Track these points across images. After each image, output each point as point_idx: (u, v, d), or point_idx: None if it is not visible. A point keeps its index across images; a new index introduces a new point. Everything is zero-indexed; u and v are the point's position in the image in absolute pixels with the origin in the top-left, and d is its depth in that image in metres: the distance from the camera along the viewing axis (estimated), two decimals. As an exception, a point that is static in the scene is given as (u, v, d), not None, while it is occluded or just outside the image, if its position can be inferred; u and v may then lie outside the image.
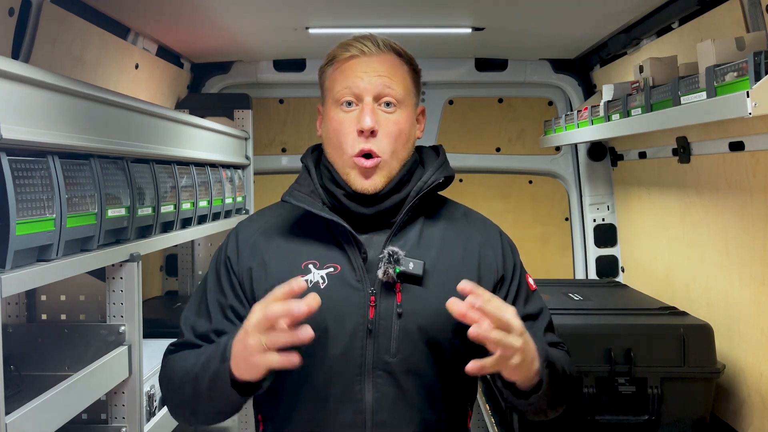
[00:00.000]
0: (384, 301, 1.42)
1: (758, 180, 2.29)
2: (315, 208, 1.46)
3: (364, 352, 1.41)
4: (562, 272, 3.97)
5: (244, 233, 1.54)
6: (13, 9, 2.05)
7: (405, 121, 1.48)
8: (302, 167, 1.56)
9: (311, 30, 3.04)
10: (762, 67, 1.62)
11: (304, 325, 1.21)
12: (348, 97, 1.46)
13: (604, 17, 2.83)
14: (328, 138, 1.50)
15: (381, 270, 1.41)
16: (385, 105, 1.46)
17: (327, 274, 1.44)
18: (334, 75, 1.49)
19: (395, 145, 1.46)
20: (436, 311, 1.42)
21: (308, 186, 1.51)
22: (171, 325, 2.92)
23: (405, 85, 1.49)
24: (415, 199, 1.48)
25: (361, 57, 1.47)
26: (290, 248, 1.48)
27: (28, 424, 1.50)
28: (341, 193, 1.47)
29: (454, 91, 3.98)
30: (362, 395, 1.40)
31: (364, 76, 1.45)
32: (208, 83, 3.85)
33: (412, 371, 1.42)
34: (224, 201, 3.10)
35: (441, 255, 1.48)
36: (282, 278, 1.42)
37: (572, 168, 3.95)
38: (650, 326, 2.47)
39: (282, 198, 1.50)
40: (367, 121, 1.43)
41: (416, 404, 1.42)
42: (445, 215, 1.55)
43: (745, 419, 2.43)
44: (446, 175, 1.51)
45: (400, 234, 1.47)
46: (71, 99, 1.75)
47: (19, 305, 2.21)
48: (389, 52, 1.49)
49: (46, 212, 1.60)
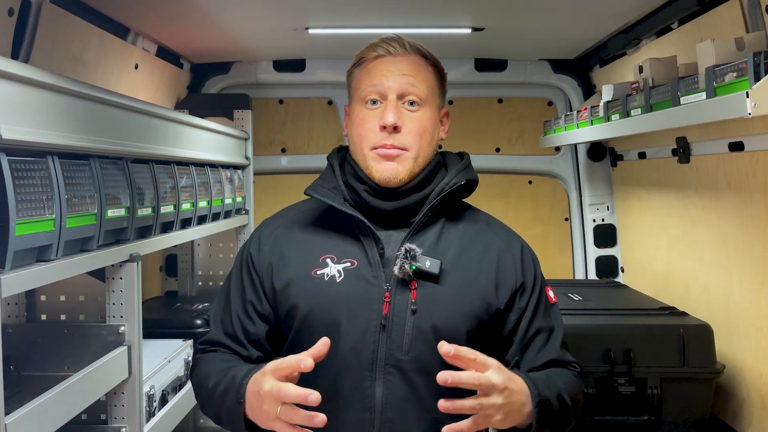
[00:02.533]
0: (399, 297, 1.43)
1: (758, 180, 2.29)
2: (337, 202, 1.49)
3: (376, 348, 1.41)
4: (562, 272, 3.97)
5: (267, 229, 1.58)
6: (13, 9, 2.05)
7: (428, 119, 1.50)
8: (327, 164, 1.59)
9: (311, 30, 3.04)
10: (761, 68, 1.62)
11: (318, 414, 1.24)
12: (373, 95, 1.49)
13: (604, 17, 2.83)
14: (351, 135, 1.54)
15: (397, 266, 1.42)
16: (409, 104, 1.49)
17: (344, 269, 1.46)
18: (361, 75, 1.53)
19: (420, 142, 1.48)
20: (451, 311, 1.44)
21: (331, 182, 1.54)
22: (171, 326, 2.94)
23: (429, 85, 1.52)
24: (436, 199, 1.49)
25: (387, 57, 1.51)
26: (310, 242, 1.51)
27: (28, 424, 1.50)
28: (363, 189, 1.49)
29: (454, 92, 3.97)
30: (372, 391, 1.41)
31: (389, 74, 1.49)
32: (208, 83, 3.85)
33: (423, 370, 1.42)
34: (224, 201, 3.10)
35: (459, 257, 1.49)
36: (300, 270, 1.48)
37: (572, 168, 3.95)
38: (650, 326, 2.47)
39: (305, 191, 1.53)
40: (390, 117, 1.45)
41: (426, 403, 1.41)
42: (467, 220, 1.57)
43: (745, 419, 2.43)
44: (468, 179, 1.53)
45: (420, 233, 1.49)
46: (71, 99, 1.75)
47: (19, 305, 2.21)
48: (415, 54, 1.53)
49: (45, 212, 1.60)
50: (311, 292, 1.46)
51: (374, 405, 1.41)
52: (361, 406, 1.41)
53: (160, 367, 2.46)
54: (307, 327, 1.45)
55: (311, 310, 1.45)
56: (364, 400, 1.41)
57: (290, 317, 1.48)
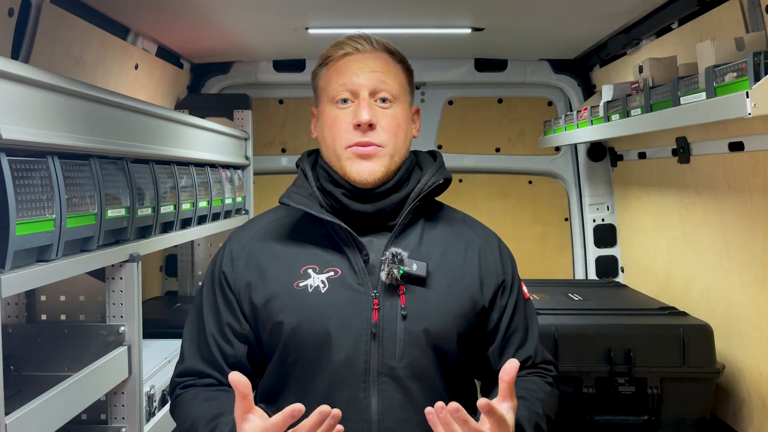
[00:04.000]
0: (388, 303, 1.39)
1: (758, 180, 2.29)
2: (314, 210, 1.43)
3: (368, 358, 1.38)
4: (562, 272, 3.97)
5: (237, 243, 1.50)
6: (13, 9, 2.05)
7: (402, 116, 1.47)
8: (299, 171, 1.53)
9: (311, 30, 3.04)
10: (761, 68, 1.62)
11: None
12: (343, 94, 1.45)
13: (604, 17, 2.83)
14: (323, 137, 1.49)
15: (384, 271, 1.39)
16: (381, 101, 1.45)
17: (327, 278, 1.41)
18: (329, 74, 1.49)
19: (395, 139, 1.44)
20: (441, 313, 1.41)
21: (306, 189, 1.48)
22: (171, 325, 2.93)
23: (400, 82, 1.48)
24: (416, 200, 1.46)
25: (356, 54, 1.47)
26: (288, 253, 1.45)
27: (28, 424, 1.50)
28: (340, 192, 1.45)
29: (454, 92, 3.97)
30: (368, 402, 1.37)
31: (359, 72, 1.45)
32: (208, 83, 3.85)
33: (418, 376, 1.39)
34: (224, 201, 3.10)
35: (443, 257, 1.46)
36: (281, 284, 1.42)
37: (572, 168, 3.96)
38: (650, 326, 2.47)
39: (280, 200, 1.48)
40: (364, 114, 1.41)
41: (423, 409, 1.36)
42: (444, 219, 1.54)
43: (745, 419, 2.43)
44: (445, 177, 1.50)
45: (401, 236, 1.46)
46: (71, 99, 1.75)
47: (19, 305, 2.21)
48: (382, 51, 1.49)
49: (45, 212, 1.60)
50: (295, 305, 1.40)
51: (371, 417, 1.37)
52: (358, 418, 1.37)
53: (160, 367, 2.46)
54: (295, 342, 1.40)
55: (298, 324, 1.39)
56: (360, 412, 1.37)
57: (275, 334, 1.41)
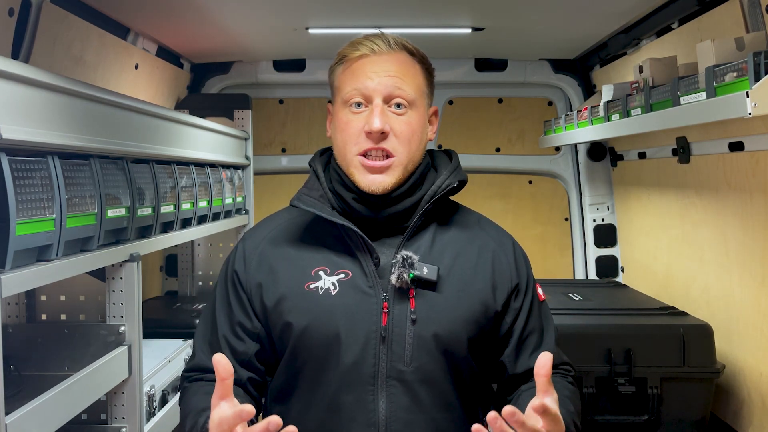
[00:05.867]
0: (397, 307, 1.38)
1: (758, 180, 2.29)
2: (325, 212, 1.41)
3: (377, 361, 1.37)
4: (562, 272, 3.97)
5: (251, 243, 1.49)
6: (13, 9, 2.05)
7: (417, 122, 1.42)
8: (311, 171, 1.51)
9: (311, 30, 3.04)
10: (761, 68, 1.62)
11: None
12: (357, 99, 1.40)
13: (604, 17, 2.83)
14: (335, 139, 1.45)
15: (395, 275, 1.37)
16: (396, 106, 1.40)
17: (338, 281, 1.40)
18: (344, 75, 1.44)
19: (408, 147, 1.41)
20: (451, 318, 1.39)
21: (317, 190, 1.46)
22: (171, 325, 2.94)
23: (417, 85, 1.43)
24: (429, 203, 1.43)
25: (371, 56, 1.41)
26: (299, 255, 1.44)
27: (28, 424, 1.50)
28: (351, 197, 1.42)
29: (454, 92, 3.98)
30: (375, 405, 1.36)
31: (373, 76, 1.39)
32: (208, 83, 3.85)
33: (427, 380, 1.38)
34: (224, 201, 3.10)
35: (455, 261, 1.44)
36: (291, 285, 1.41)
37: (572, 168, 3.96)
38: (650, 326, 2.47)
39: (291, 203, 1.46)
40: (376, 122, 1.37)
41: (432, 414, 1.38)
42: (458, 221, 1.51)
43: (745, 419, 2.43)
44: (460, 180, 1.46)
45: (413, 239, 1.43)
46: (71, 99, 1.75)
47: (19, 305, 2.21)
48: (401, 51, 1.44)
49: (46, 212, 1.60)
50: (305, 307, 1.39)
51: (378, 420, 1.36)
52: (365, 421, 1.36)
53: (160, 367, 2.46)
54: (304, 343, 1.39)
55: (307, 325, 1.39)
56: (367, 415, 1.36)
57: (285, 334, 1.41)
